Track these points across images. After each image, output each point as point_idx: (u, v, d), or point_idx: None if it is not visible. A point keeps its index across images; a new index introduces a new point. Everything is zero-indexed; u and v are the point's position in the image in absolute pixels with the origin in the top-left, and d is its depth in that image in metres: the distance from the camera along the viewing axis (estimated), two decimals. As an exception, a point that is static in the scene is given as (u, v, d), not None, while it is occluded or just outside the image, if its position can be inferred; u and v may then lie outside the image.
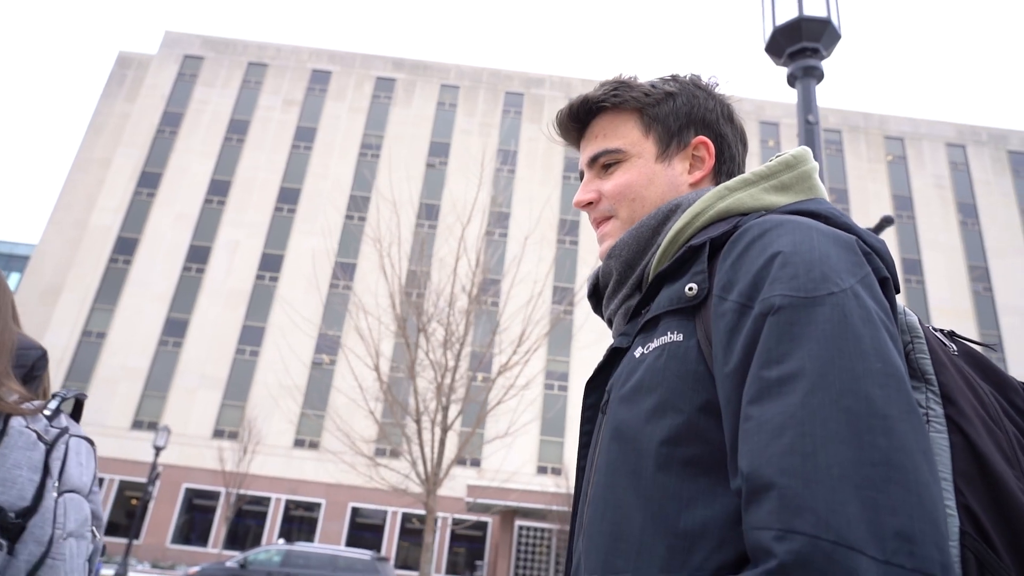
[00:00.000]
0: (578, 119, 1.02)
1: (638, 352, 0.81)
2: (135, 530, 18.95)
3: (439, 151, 33.49)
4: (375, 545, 26.13)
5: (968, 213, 33.47)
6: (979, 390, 0.76)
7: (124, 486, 26.63)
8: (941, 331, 0.84)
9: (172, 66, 34.65)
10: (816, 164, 0.93)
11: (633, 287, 0.94)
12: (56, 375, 28.15)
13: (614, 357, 0.88)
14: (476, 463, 26.38)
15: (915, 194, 33.51)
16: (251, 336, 29.35)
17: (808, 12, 3.28)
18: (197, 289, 30.08)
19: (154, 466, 19.17)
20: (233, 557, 22.35)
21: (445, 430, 9.50)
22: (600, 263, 1.01)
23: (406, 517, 26.78)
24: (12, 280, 41.72)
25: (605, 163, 0.98)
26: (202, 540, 26.10)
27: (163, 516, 26.03)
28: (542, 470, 27.35)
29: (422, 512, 25.80)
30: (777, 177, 0.89)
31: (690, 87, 0.99)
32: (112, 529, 25.91)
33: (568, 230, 30.69)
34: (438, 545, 26.42)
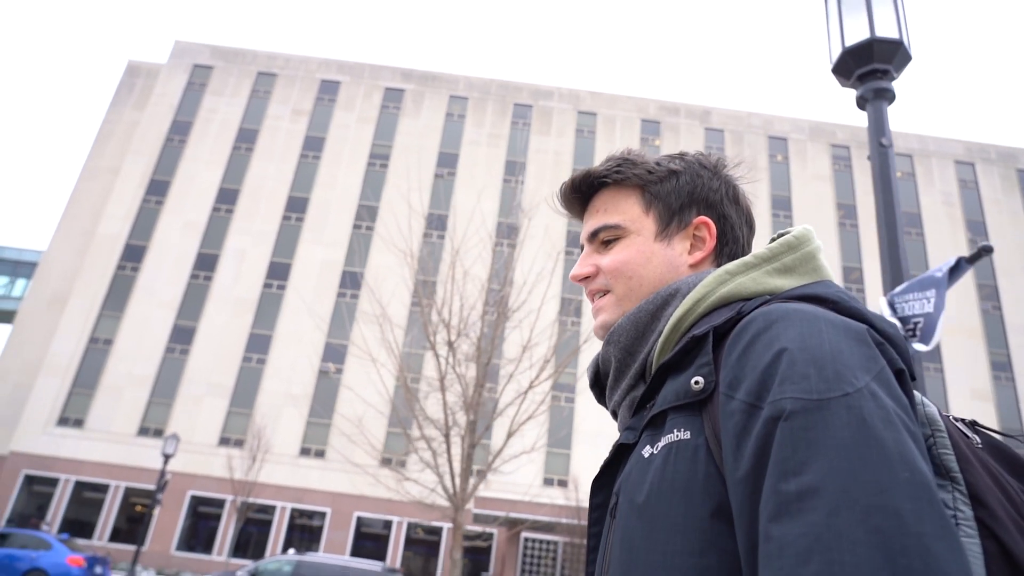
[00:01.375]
0: (580, 192, 1.01)
1: (646, 452, 0.78)
2: (141, 537, 18.83)
3: (447, 162, 33.59)
4: (380, 555, 26.00)
5: (977, 231, 33.50)
6: (1008, 488, 0.71)
7: (130, 492, 26.54)
8: (962, 421, 0.80)
9: (181, 75, 34.83)
10: (820, 244, 0.90)
11: (636, 377, 0.91)
12: (63, 382, 28.13)
13: (620, 453, 0.85)
14: (481, 474, 26.30)
15: (924, 211, 33.58)
16: (258, 344, 29.33)
17: (880, 33, 3.29)
18: (204, 297, 30.09)
19: (163, 473, 19.12)
20: (241, 566, 22.25)
21: (473, 445, 9.42)
22: (597, 339, 0.99)
23: (411, 527, 26.65)
24: (19, 286, 41.73)
25: (605, 239, 0.98)
26: (206, 548, 25.98)
27: (168, 523, 25.92)
28: (548, 482, 27.24)
29: (428, 523, 25.73)
30: (779, 259, 0.87)
31: (695, 166, 0.98)
32: (115, 535, 25.81)
33: (575, 241, 30.75)
34: (444, 555, 26.28)
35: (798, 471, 0.60)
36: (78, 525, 25.71)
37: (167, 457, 19.09)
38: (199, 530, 26.48)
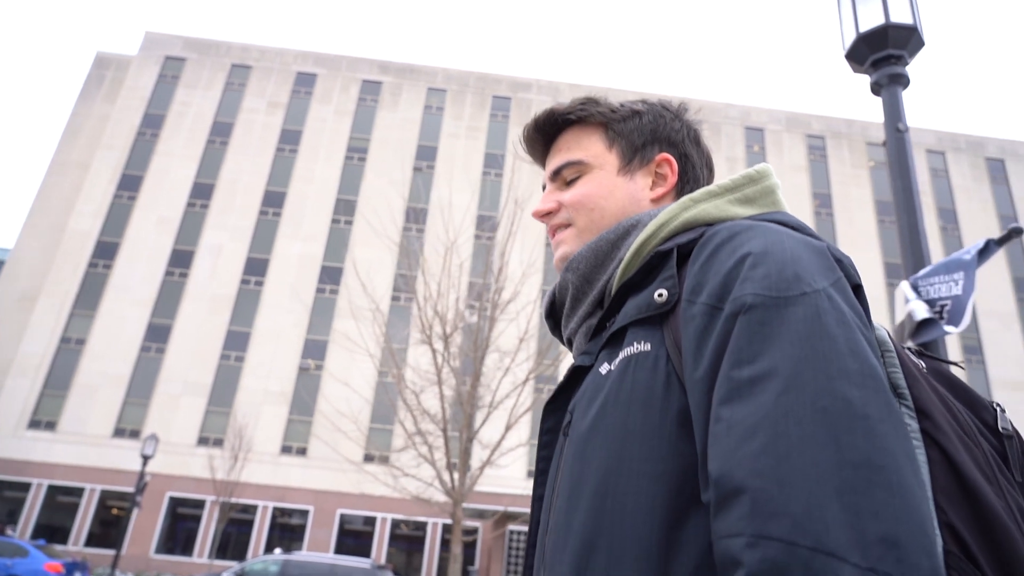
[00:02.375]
0: (544, 132, 1.02)
1: (604, 368, 0.78)
2: (119, 541, 18.45)
3: (426, 155, 33.35)
4: (364, 552, 25.85)
5: (948, 219, 34.19)
6: (952, 406, 0.74)
7: (105, 495, 26.00)
8: (908, 348, 0.83)
9: (153, 67, 34.07)
10: (779, 182, 0.92)
11: (593, 304, 0.91)
12: (34, 382, 27.45)
13: (576, 376, 0.85)
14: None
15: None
16: (236, 341, 28.89)
17: (895, 19, 3.27)
18: (180, 294, 29.55)
19: (142, 475, 18.76)
20: (224, 568, 21.97)
21: (470, 439, 9.38)
22: (557, 277, 0.98)
23: (395, 523, 26.54)
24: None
25: (568, 177, 0.98)
26: (186, 550, 25.59)
27: (146, 526, 25.46)
28: (532, 474, 27.31)
29: (415, 518, 25.62)
30: (741, 190, 0.89)
31: (657, 108, 1.01)
32: (90, 539, 25.28)
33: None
34: (428, 551, 26.22)
35: (752, 360, 0.61)
36: (51, 531, 25.13)
37: (146, 458, 18.73)
38: (178, 532, 26.07)
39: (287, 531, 26.36)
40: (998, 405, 0.80)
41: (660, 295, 0.76)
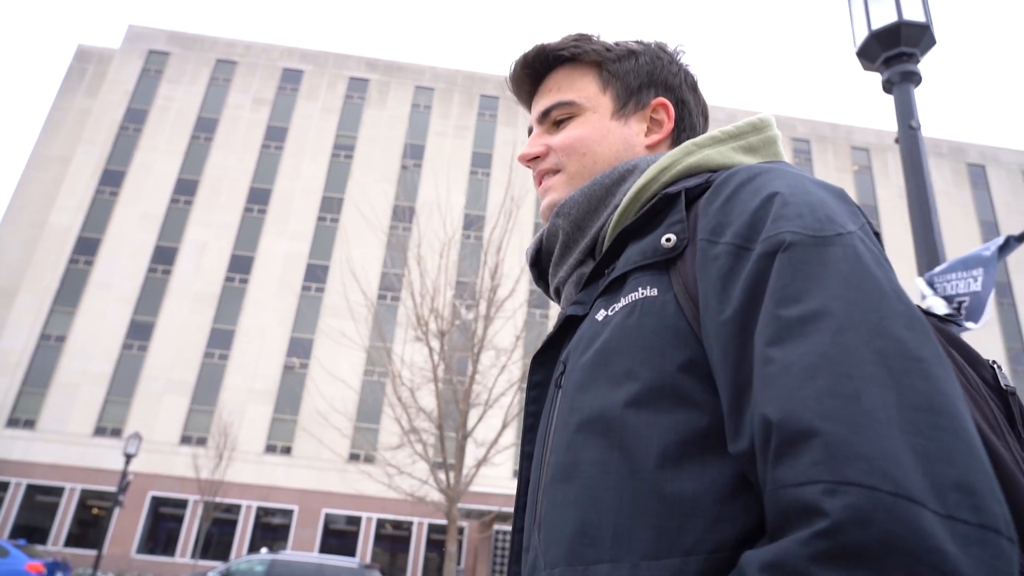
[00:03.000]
0: (533, 70, 0.95)
1: (600, 315, 0.74)
2: (100, 541, 18.15)
3: (413, 153, 33.22)
4: (349, 552, 25.69)
5: (930, 222, 34.69)
6: (958, 361, 0.73)
7: (86, 495, 25.61)
8: None
9: (136, 61, 33.62)
10: (779, 133, 0.88)
11: (585, 253, 0.87)
12: (12, 381, 26.97)
13: (568, 327, 0.80)
14: (451, 467, 26.15)
15: (880, 204, 34.58)
16: (220, 339, 28.59)
17: (908, 17, 3.30)
18: (163, 291, 29.18)
19: (124, 474, 18.47)
20: (207, 568, 21.72)
21: (466, 436, 9.32)
22: (544, 226, 0.93)
23: (380, 523, 26.40)
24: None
25: (557, 118, 0.92)
26: (168, 550, 25.27)
27: (127, 526, 25.11)
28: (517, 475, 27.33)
29: (399, 518, 25.51)
30: (745, 138, 0.86)
31: (654, 49, 0.95)
32: (70, 540, 24.88)
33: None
34: (413, 551, 26.11)
35: (798, 298, 0.59)
36: (30, 531, 24.70)
37: (129, 457, 18.46)
38: (160, 532, 25.74)
39: (271, 531, 26.12)
40: (995, 363, 0.79)
41: (668, 239, 0.72)
